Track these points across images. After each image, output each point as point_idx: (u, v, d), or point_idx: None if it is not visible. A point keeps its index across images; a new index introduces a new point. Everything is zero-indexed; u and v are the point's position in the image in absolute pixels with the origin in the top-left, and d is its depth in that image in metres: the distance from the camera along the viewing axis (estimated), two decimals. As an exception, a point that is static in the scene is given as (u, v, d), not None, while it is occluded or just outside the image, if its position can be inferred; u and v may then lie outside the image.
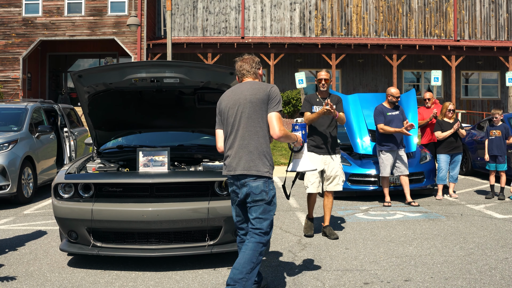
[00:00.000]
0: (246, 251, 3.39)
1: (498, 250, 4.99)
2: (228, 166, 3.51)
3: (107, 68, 4.80)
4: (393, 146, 7.48)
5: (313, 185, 5.56)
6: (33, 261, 4.79)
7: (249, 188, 3.41)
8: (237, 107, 3.50)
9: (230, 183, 3.57)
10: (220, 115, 3.65)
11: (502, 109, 8.57)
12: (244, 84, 3.62)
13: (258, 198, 3.41)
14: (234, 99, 3.55)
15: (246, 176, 3.42)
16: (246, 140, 3.44)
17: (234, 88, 3.65)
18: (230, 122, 3.53)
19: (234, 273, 3.33)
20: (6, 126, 8.54)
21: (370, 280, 4.12)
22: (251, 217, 3.45)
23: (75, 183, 4.46)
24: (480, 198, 8.14)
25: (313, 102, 5.69)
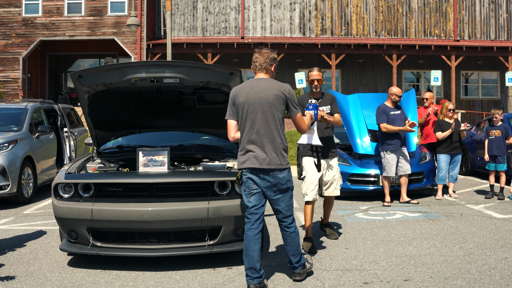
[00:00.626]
0: (294, 239, 3.97)
1: (498, 249, 4.99)
2: (252, 160, 3.79)
3: (107, 68, 4.80)
4: (397, 146, 7.50)
5: (312, 192, 5.16)
6: (33, 261, 4.79)
7: (276, 179, 3.82)
8: (258, 105, 3.78)
9: (250, 173, 3.83)
10: (235, 108, 3.88)
11: (502, 109, 8.57)
12: (262, 82, 3.88)
13: (285, 187, 3.87)
14: (254, 97, 3.80)
15: (274, 170, 3.80)
16: (272, 138, 3.80)
17: (252, 84, 3.85)
18: (250, 118, 3.80)
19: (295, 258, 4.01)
20: (6, 126, 8.55)
21: (370, 279, 4.13)
22: (280, 207, 3.91)
23: (75, 183, 4.46)
24: (480, 198, 8.15)
25: (305, 104, 5.24)
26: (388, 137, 7.53)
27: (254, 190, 3.86)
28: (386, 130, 7.48)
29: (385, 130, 7.48)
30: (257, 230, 3.84)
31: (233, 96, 3.89)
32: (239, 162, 3.87)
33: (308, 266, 4.20)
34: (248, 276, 3.82)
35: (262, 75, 3.96)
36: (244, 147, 3.83)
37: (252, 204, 3.87)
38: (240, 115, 3.84)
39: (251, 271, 3.81)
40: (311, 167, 5.16)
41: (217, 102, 5.17)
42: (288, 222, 3.96)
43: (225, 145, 5.81)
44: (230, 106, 3.90)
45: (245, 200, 3.91)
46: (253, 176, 3.83)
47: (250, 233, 3.85)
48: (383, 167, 7.61)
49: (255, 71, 3.98)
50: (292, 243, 3.97)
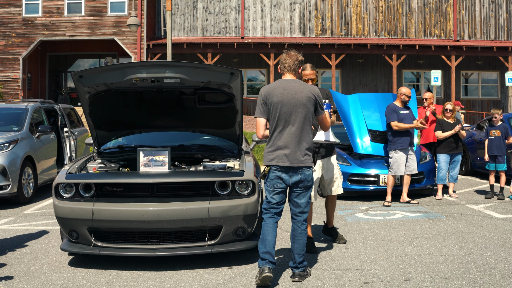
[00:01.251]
0: (303, 237, 4.11)
1: (498, 249, 5.00)
2: (283, 158, 3.98)
3: (108, 68, 4.81)
4: (406, 144, 7.52)
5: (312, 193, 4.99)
6: (34, 260, 4.80)
7: (304, 176, 4.03)
8: (292, 106, 3.99)
9: (279, 171, 4.01)
10: (266, 107, 4.06)
11: (501, 109, 8.57)
12: (294, 83, 4.09)
13: (310, 183, 4.10)
14: (288, 97, 4.00)
15: (302, 168, 4.01)
16: (303, 137, 4.02)
17: (284, 84, 4.06)
18: (283, 117, 4.00)
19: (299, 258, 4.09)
20: (6, 126, 8.55)
21: (370, 279, 4.14)
22: (300, 201, 4.10)
23: (76, 183, 4.47)
24: (480, 198, 8.16)
25: None
26: (398, 136, 7.55)
27: (279, 189, 4.04)
28: (397, 128, 7.50)
29: (397, 128, 7.50)
30: (277, 219, 4.08)
31: (266, 95, 4.06)
32: (267, 159, 4.03)
33: (308, 271, 4.23)
34: (263, 259, 3.94)
35: (291, 76, 4.17)
36: (276, 144, 4.01)
37: (275, 201, 4.06)
38: (273, 114, 4.02)
39: (266, 255, 3.95)
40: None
41: (218, 102, 5.17)
42: (303, 218, 4.12)
43: (225, 145, 5.82)
44: (261, 105, 4.07)
45: (268, 196, 4.06)
46: (281, 174, 4.00)
47: (270, 220, 4.05)
48: (391, 166, 7.60)
49: (283, 72, 4.18)
50: (301, 241, 4.09)
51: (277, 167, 4.00)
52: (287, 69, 4.17)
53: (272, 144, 4.04)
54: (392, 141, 7.61)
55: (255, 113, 4.11)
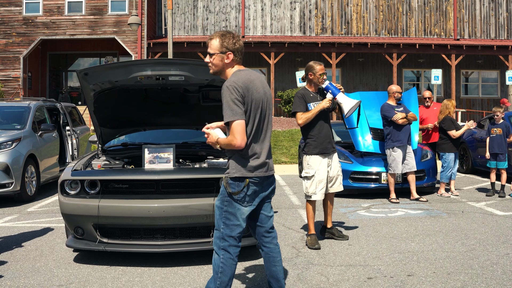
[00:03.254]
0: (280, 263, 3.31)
1: (499, 246, 5.04)
2: (266, 166, 3.16)
3: (113, 66, 4.84)
4: (404, 142, 7.55)
5: (321, 191, 5.07)
6: (39, 257, 4.83)
7: (274, 183, 3.29)
8: (267, 103, 3.18)
9: (257, 183, 3.12)
10: (244, 104, 3.02)
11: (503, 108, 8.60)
12: (258, 76, 3.22)
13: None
14: (263, 93, 3.15)
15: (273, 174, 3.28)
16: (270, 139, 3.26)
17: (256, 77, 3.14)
18: (262, 118, 3.14)
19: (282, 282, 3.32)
20: (9, 125, 8.59)
21: (374, 275, 4.18)
22: (270, 214, 3.30)
23: (81, 179, 4.50)
24: (481, 195, 8.20)
25: (308, 99, 5.15)
26: (396, 134, 7.58)
27: (253, 207, 3.16)
28: (402, 121, 7.53)
29: (402, 121, 7.52)
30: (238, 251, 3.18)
31: (245, 91, 3.02)
32: (249, 170, 3.06)
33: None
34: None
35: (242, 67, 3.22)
36: (259, 152, 3.10)
37: (244, 224, 3.14)
38: (254, 114, 3.06)
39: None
40: (319, 165, 5.08)
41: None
42: (275, 233, 3.34)
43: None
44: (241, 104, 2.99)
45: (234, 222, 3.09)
46: (258, 186, 3.13)
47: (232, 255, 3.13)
48: (389, 164, 7.65)
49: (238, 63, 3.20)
50: (281, 261, 3.33)
51: (257, 179, 3.10)
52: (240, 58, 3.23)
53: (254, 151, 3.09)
54: (389, 139, 7.65)
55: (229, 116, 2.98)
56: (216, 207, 3.16)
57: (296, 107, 5.16)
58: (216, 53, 3.13)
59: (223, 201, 3.13)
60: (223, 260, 3.09)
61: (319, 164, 5.10)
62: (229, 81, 3.05)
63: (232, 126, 2.98)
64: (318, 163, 5.10)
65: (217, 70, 3.19)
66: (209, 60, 3.18)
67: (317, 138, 5.10)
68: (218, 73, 3.21)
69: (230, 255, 3.10)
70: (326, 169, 5.13)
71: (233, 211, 3.10)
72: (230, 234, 3.10)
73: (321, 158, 5.11)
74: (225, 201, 3.12)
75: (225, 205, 3.12)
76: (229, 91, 3.00)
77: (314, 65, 5.14)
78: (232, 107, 2.97)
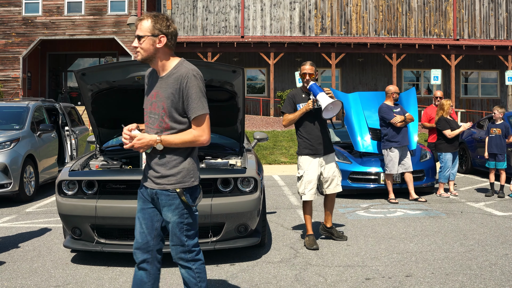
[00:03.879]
0: None
1: (498, 246, 5.03)
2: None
3: (111, 66, 4.82)
4: (401, 142, 7.55)
5: (310, 191, 5.05)
6: (37, 257, 4.82)
7: None
8: None
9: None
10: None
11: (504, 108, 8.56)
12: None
13: None
14: None
15: None
16: None
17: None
18: None
19: None
20: (8, 125, 8.58)
21: (372, 275, 4.16)
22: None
23: (79, 180, 4.49)
24: (480, 196, 8.19)
25: (298, 99, 5.15)
26: (393, 134, 7.57)
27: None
28: (401, 124, 7.52)
29: (400, 124, 7.51)
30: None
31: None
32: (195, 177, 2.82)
33: None
34: None
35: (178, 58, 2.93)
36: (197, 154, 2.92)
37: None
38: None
39: None
40: (309, 166, 5.08)
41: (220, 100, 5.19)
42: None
43: (227, 142, 5.84)
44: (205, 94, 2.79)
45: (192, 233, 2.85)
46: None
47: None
48: (386, 164, 7.64)
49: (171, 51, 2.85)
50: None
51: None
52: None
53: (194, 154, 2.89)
54: (387, 139, 7.64)
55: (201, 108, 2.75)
56: (175, 224, 2.76)
57: (284, 107, 5.24)
58: (146, 35, 2.72)
59: (182, 215, 2.77)
60: (197, 270, 2.84)
61: (308, 165, 5.08)
62: (190, 69, 2.71)
63: (203, 120, 2.71)
64: (308, 163, 5.09)
65: (146, 56, 2.75)
66: (138, 44, 2.75)
67: (307, 138, 5.11)
68: (148, 60, 2.78)
69: (201, 261, 2.87)
70: (316, 170, 5.09)
71: (193, 219, 2.82)
72: (194, 242, 2.84)
73: (311, 159, 5.09)
74: (184, 214, 2.77)
75: (186, 218, 2.78)
76: (198, 80, 2.70)
77: (303, 65, 5.16)
78: (202, 98, 2.71)
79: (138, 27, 2.76)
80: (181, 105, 2.72)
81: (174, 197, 2.75)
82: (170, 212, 2.76)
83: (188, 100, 2.69)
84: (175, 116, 2.73)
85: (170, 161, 2.76)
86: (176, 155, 2.75)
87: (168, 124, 2.74)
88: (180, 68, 2.73)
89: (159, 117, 2.75)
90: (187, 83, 2.68)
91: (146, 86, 2.93)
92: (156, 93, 2.77)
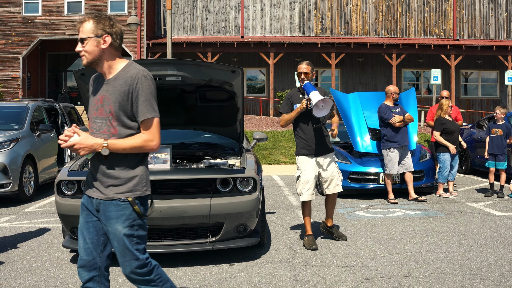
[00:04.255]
0: None
1: (498, 246, 5.03)
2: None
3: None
4: (400, 142, 7.55)
5: (307, 191, 5.02)
6: (36, 258, 4.82)
7: None
8: None
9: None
10: None
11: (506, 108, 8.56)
12: None
13: None
14: None
15: None
16: None
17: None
18: None
19: None
20: (7, 125, 8.57)
21: (371, 276, 4.16)
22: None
23: (78, 180, 4.49)
24: (480, 196, 8.19)
25: (295, 99, 5.14)
26: (392, 135, 7.58)
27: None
28: (399, 124, 7.51)
29: (399, 124, 7.51)
30: None
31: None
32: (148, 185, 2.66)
33: None
34: None
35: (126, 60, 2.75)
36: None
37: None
38: None
39: None
40: (306, 166, 5.07)
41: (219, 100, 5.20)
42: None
43: (226, 143, 5.84)
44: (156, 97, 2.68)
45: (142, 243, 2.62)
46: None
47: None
48: (386, 164, 7.64)
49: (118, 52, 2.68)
50: None
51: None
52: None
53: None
54: (387, 139, 7.64)
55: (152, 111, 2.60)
56: (125, 237, 2.53)
57: (282, 107, 5.24)
58: (89, 37, 2.55)
59: (132, 227, 2.56)
60: (157, 277, 2.63)
61: (305, 165, 5.07)
62: (140, 70, 2.57)
63: (153, 123, 2.55)
64: (305, 163, 5.08)
65: (92, 59, 2.59)
66: (81, 47, 2.58)
67: (304, 139, 5.10)
68: (94, 64, 2.61)
69: (156, 265, 2.65)
70: (313, 170, 5.07)
71: (143, 232, 2.62)
72: (146, 256, 2.59)
73: (308, 159, 5.08)
74: (135, 226, 2.57)
75: (136, 230, 2.57)
76: (149, 81, 2.56)
77: (299, 64, 5.16)
78: (153, 100, 2.55)
79: (80, 30, 2.60)
80: (130, 107, 2.55)
81: (125, 207, 2.54)
82: (119, 223, 2.54)
83: (138, 102, 2.53)
84: (124, 120, 2.56)
85: (120, 167, 2.57)
86: (127, 162, 2.58)
87: (116, 128, 2.57)
88: (129, 69, 2.59)
89: (106, 121, 2.58)
90: (137, 84, 2.53)
91: (91, 91, 2.73)
92: (102, 97, 2.59)
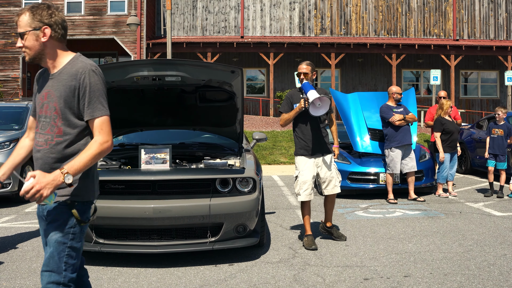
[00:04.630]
0: None
1: (497, 246, 5.03)
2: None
3: (109, 67, 4.83)
4: (401, 141, 7.56)
5: (305, 192, 5.03)
6: (36, 258, 4.82)
7: None
8: None
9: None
10: None
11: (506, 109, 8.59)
12: None
13: None
14: None
15: None
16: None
17: None
18: None
19: None
20: (7, 125, 8.58)
21: (370, 276, 4.17)
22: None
23: (77, 180, 4.48)
24: (479, 196, 8.19)
25: (295, 99, 5.14)
26: (392, 134, 7.59)
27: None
28: (399, 123, 7.52)
29: (399, 122, 7.52)
30: None
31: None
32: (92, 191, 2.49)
33: None
34: None
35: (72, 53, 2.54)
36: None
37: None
38: None
39: None
40: (304, 166, 5.08)
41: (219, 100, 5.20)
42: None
43: (226, 143, 5.85)
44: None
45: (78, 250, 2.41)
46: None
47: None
48: (387, 164, 7.65)
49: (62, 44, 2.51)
50: None
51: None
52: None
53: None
54: (388, 139, 7.65)
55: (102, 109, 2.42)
56: (56, 244, 2.30)
57: (282, 107, 5.24)
58: (27, 31, 2.35)
59: (67, 234, 2.32)
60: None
61: (304, 165, 5.08)
62: (88, 63, 2.39)
63: (104, 122, 2.37)
64: (303, 164, 5.09)
65: (34, 55, 2.38)
66: (22, 43, 2.37)
67: (302, 139, 5.11)
68: (37, 59, 2.40)
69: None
70: (311, 170, 5.08)
71: (78, 246, 2.37)
72: (72, 277, 2.32)
73: (306, 159, 5.09)
74: (70, 234, 2.33)
75: (70, 239, 2.33)
76: (98, 76, 2.38)
77: (299, 64, 5.17)
78: (102, 97, 2.37)
79: (17, 24, 2.37)
80: (77, 105, 2.35)
81: (63, 210, 2.33)
82: (53, 228, 2.32)
83: (86, 99, 2.33)
84: (70, 119, 2.35)
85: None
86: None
87: (60, 128, 2.36)
88: (76, 63, 2.39)
89: (51, 120, 2.36)
90: (84, 79, 2.34)
91: (36, 87, 2.51)
92: (47, 93, 2.38)
